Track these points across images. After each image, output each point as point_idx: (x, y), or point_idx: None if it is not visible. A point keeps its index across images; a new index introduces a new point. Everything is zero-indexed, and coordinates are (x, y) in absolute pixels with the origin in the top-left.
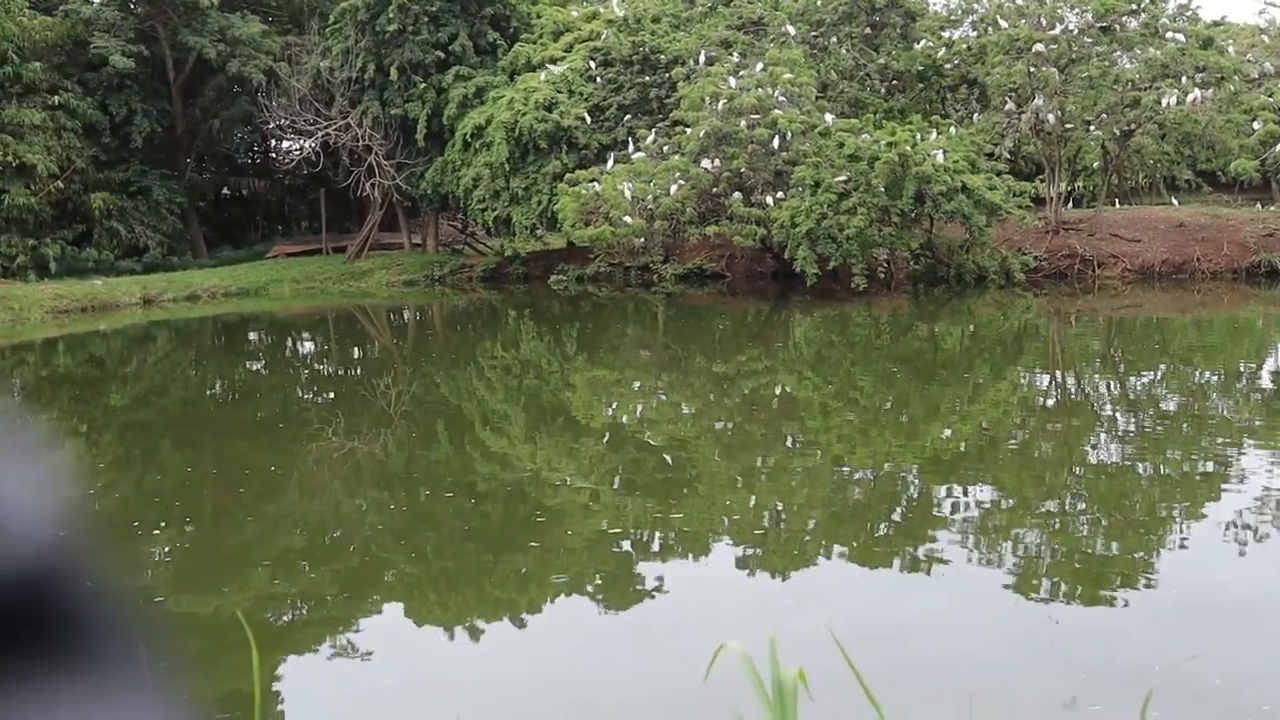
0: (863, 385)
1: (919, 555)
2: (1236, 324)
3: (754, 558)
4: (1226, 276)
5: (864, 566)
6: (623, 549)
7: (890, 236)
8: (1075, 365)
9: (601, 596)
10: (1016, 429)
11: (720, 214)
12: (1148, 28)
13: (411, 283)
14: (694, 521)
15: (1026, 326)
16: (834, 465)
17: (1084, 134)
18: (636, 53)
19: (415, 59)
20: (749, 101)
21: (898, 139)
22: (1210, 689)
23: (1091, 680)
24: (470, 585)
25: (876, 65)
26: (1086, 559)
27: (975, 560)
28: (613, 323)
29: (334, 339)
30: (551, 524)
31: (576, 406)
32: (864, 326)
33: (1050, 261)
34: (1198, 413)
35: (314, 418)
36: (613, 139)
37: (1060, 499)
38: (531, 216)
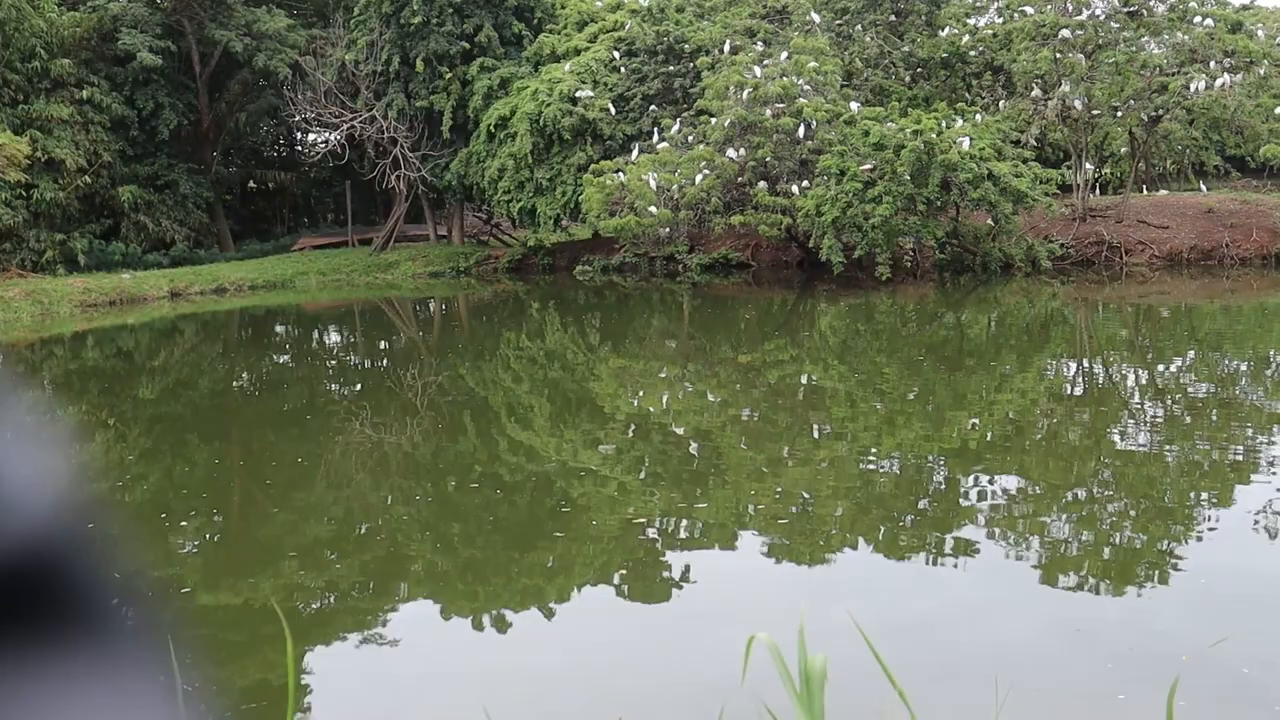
0: (888, 374)
1: (945, 544)
2: (1266, 310)
3: (780, 547)
4: (1256, 263)
5: (891, 556)
6: (649, 539)
7: (916, 225)
8: (1102, 353)
9: (628, 587)
10: (1043, 417)
11: (745, 203)
12: (1175, 12)
13: (437, 274)
14: (720, 512)
15: (1053, 314)
16: (860, 455)
17: (1111, 120)
18: (660, 42)
19: (440, 50)
20: (774, 90)
21: (923, 127)
22: (1238, 677)
23: (1119, 667)
24: (497, 575)
25: (901, 53)
26: (1114, 547)
27: (1002, 549)
28: (638, 313)
29: (360, 331)
30: (578, 514)
31: (602, 397)
32: (890, 315)
33: (1077, 249)
34: (1226, 400)
35: (340, 409)
36: (637, 129)
37: (1088, 487)
38: (556, 207)
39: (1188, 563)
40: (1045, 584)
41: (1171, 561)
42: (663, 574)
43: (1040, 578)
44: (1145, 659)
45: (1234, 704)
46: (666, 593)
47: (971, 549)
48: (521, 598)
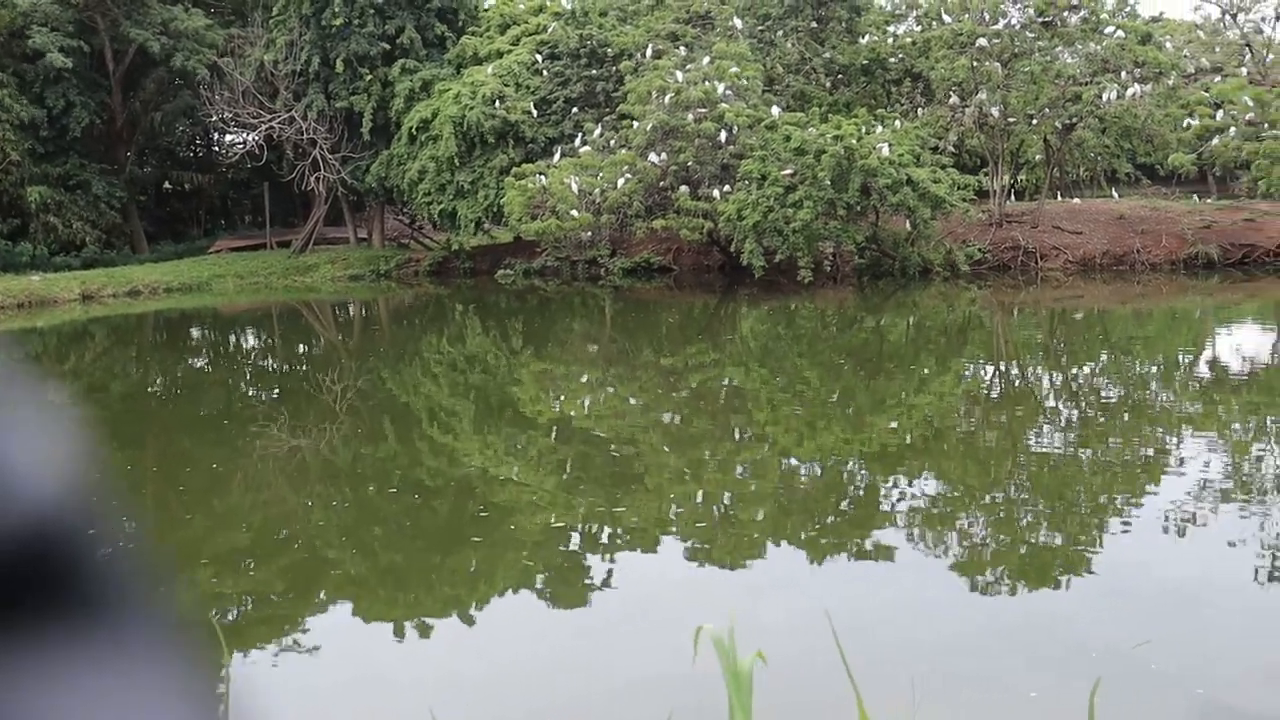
0: (810, 378)
1: (866, 546)
2: (1175, 314)
3: (703, 550)
4: (1165, 268)
5: (812, 557)
6: (571, 543)
7: (836, 229)
8: (1019, 356)
9: (551, 591)
10: (962, 420)
11: (667, 207)
12: (1088, 23)
13: (357, 277)
14: (642, 515)
15: (970, 318)
16: (781, 457)
17: (1026, 128)
18: (583, 46)
19: (361, 52)
20: (696, 95)
21: (844, 132)
22: (1151, 673)
23: (1037, 666)
24: (418, 581)
25: (822, 59)
26: (1030, 547)
27: (921, 550)
28: (560, 317)
29: (278, 335)
30: (499, 519)
31: (524, 401)
32: (810, 319)
33: (994, 254)
34: (1138, 402)
35: (258, 414)
36: (560, 132)
37: (1005, 488)
38: (478, 210)
39: (1102, 561)
40: (963, 583)
41: (1088, 559)
42: (586, 578)
43: (958, 577)
44: (1060, 656)
45: (1150, 700)
46: (590, 597)
47: (891, 550)
48: (444, 604)
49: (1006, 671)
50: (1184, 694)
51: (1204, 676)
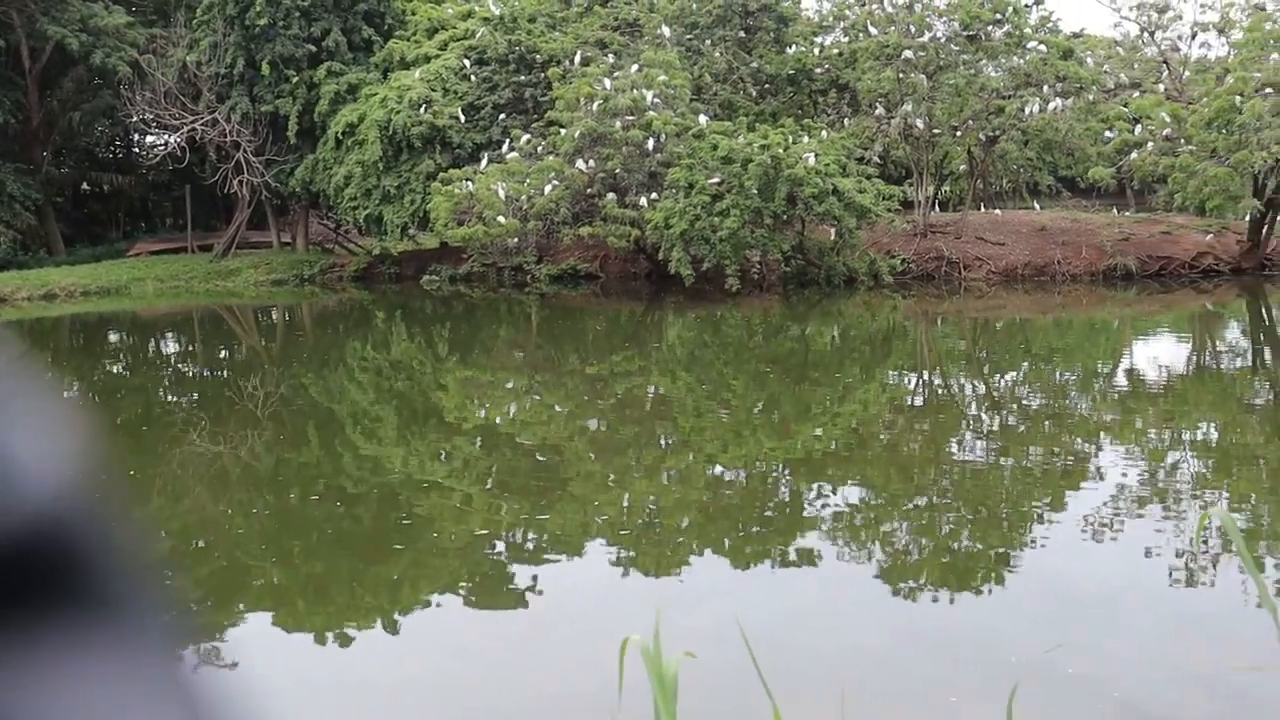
0: (735, 386)
1: (791, 553)
2: (1094, 325)
3: (628, 558)
4: (1085, 279)
5: (737, 565)
6: (496, 551)
7: (762, 238)
8: (942, 365)
9: (475, 600)
10: (885, 428)
11: (595, 215)
12: (1011, 38)
13: (280, 282)
14: (568, 523)
15: (895, 327)
16: (707, 465)
17: (951, 139)
18: (512, 52)
19: (286, 54)
20: (624, 103)
21: (770, 142)
22: (1068, 678)
23: (958, 671)
24: (341, 591)
25: (749, 69)
26: (953, 554)
27: (845, 557)
28: (486, 323)
29: (199, 339)
30: (424, 527)
31: (449, 408)
32: (736, 327)
33: (918, 264)
34: (1058, 411)
35: (177, 420)
36: (487, 138)
37: (928, 496)
38: (404, 216)
39: (1022, 568)
40: (887, 590)
41: (1007, 567)
42: (510, 586)
43: (882, 584)
44: (982, 662)
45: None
46: (514, 605)
47: (815, 557)
48: (366, 613)
49: (928, 677)
50: (1100, 698)
51: (1119, 681)
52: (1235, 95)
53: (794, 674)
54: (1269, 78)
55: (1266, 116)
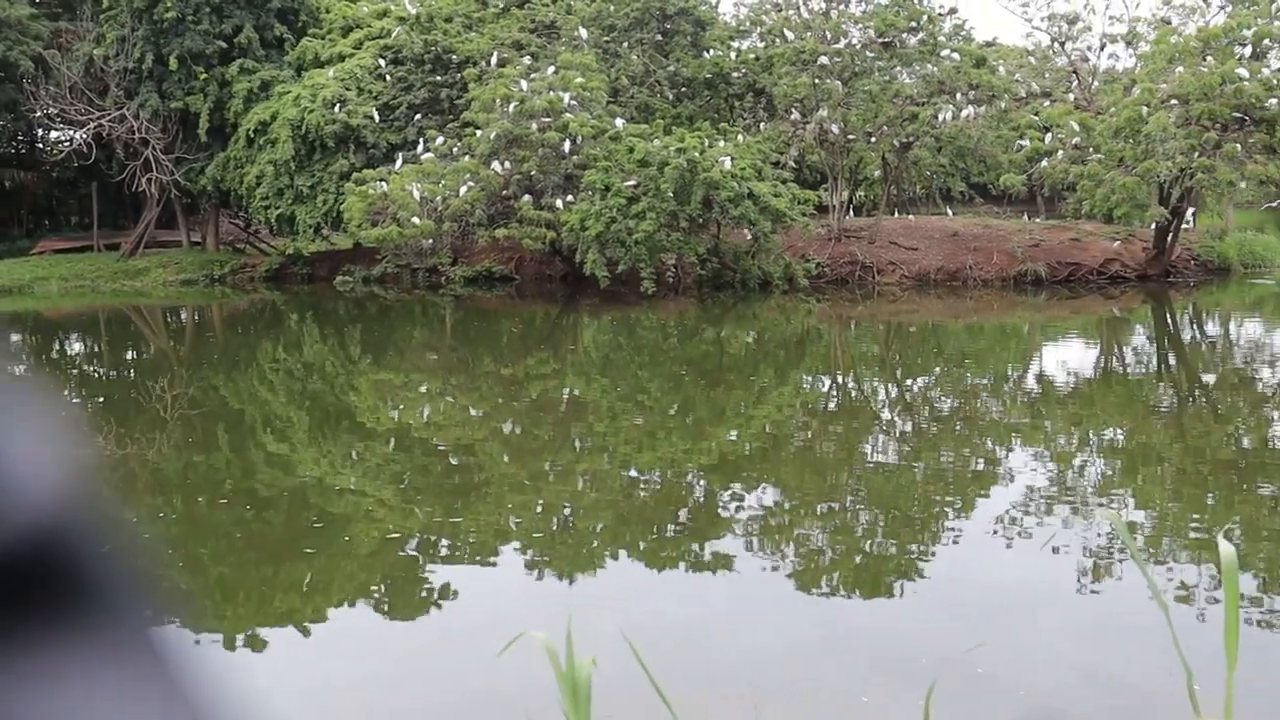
0: (650, 388)
1: (706, 556)
2: (1004, 329)
3: (542, 561)
4: (996, 284)
5: (652, 568)
6: (409, 554)
7: (678, 241)
8: (855, 369)
9: (388, 603)
10: (799, 431)
11: (510, 217)
12: (926, 45)
13: (190, 282)
14: (481, 525)
15: (809, 331)
16: (622, 468)
17: (865, 145)
18: (428, 52)
19: (196, 49)
20: (540, 104)
21: (687, 145)
22: (978, 678)
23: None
24: (249, 595)
25: (666, 72)
26: (866, 556)
27: (760, 559)
28: (399, 325)
29: (105, 340)
30: (335, 530)
31: (361, 410)
32: (652, 330)
33: (832, 268)
34: (969, 414)
35: (82, 423)
36: (402, 139)
37: (841, 498)
38: (317, 216)
39: (933, 569)
40: (801, 592)
41: (920, 568)
42: (423, 590)
43: (796, 586)
44: (894, 662)
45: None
46: (428, 608)
47: (730, 559)
48: (277, 617)
49: (842, 679)
50: (1009, 698)
51: (1028, 681)
52: (1142, 106)
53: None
54: (1174, 90)
55: (1171, 128)
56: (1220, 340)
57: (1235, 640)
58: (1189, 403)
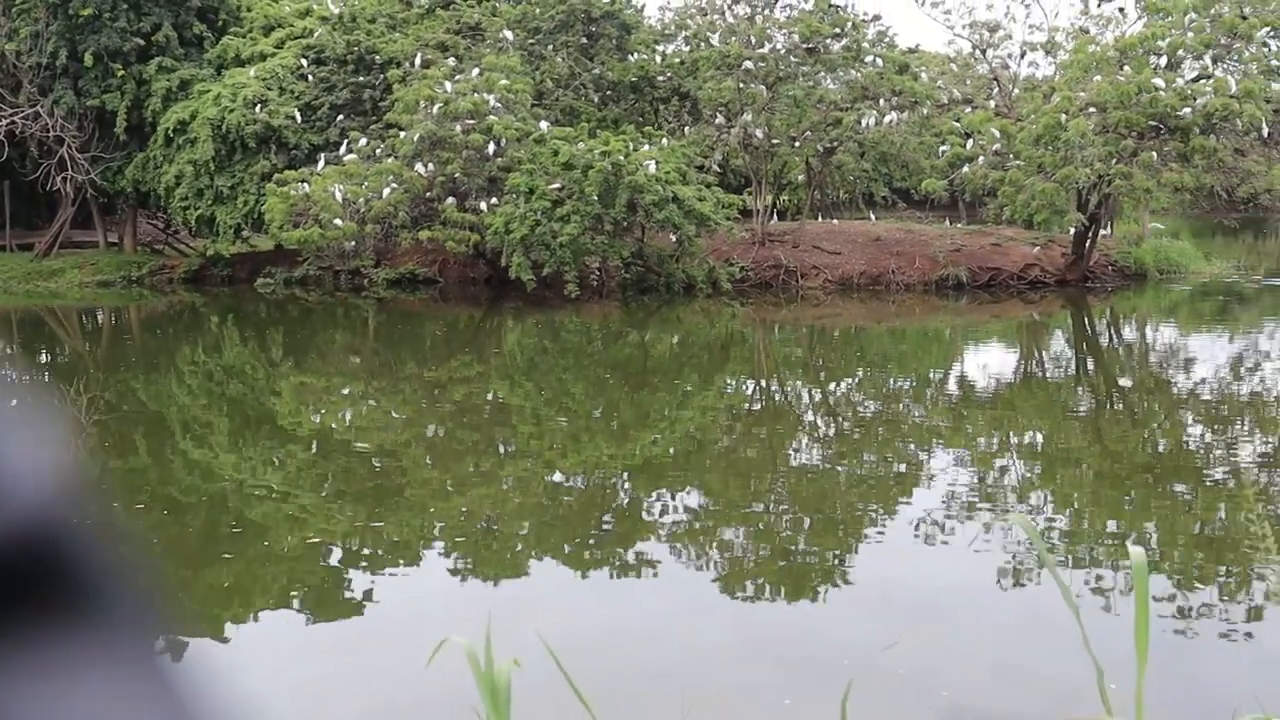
0: (575, 392)
1: (630, 559)
2: (927, 334)
3: (466, 566)
4: (918, 288)
5: (577, 572)
6: (331, 560)
7: (603, 245)
8: (779, 372)
9: (309, 609)
10: (723, 434)
11: (434, 219)
12: (849, 51)
13: (107, 284)
14: (405, 530)
15: (733, 335)
16: (546, 471)
17: (789, 150)
18: (351, 52)
19: (113, 46)
20: (464, 106)
21: (611, 148)
22: (900, 678)
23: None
24: (166, 603)
25: (591, 75)
26: (790, 557)
27: (684, 563)
28: (322, 327)
29: (18, 342)
30: (255, 536)
31: (283, 414)
32: (576, 333)
33: (756, 272)
34: (892, 417)
35: None
36: (325, 140)
37: (765, 502)
38: (237, 217)
39: (856, 571)
40: (725, 595)
41: (842, 570)
42: (345, 595)
43: (720, 589)
44: (818, 663)
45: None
46: (349, 613)
47: (654, 563)
48: (195, 624)
49: (766, 681)
50: (930, 697)
51: (949, 680)
52: (1061, 114)
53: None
54: (1092, 98)
55: (1090, 135)
56: (1137, 345)
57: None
58: (1107, 407)
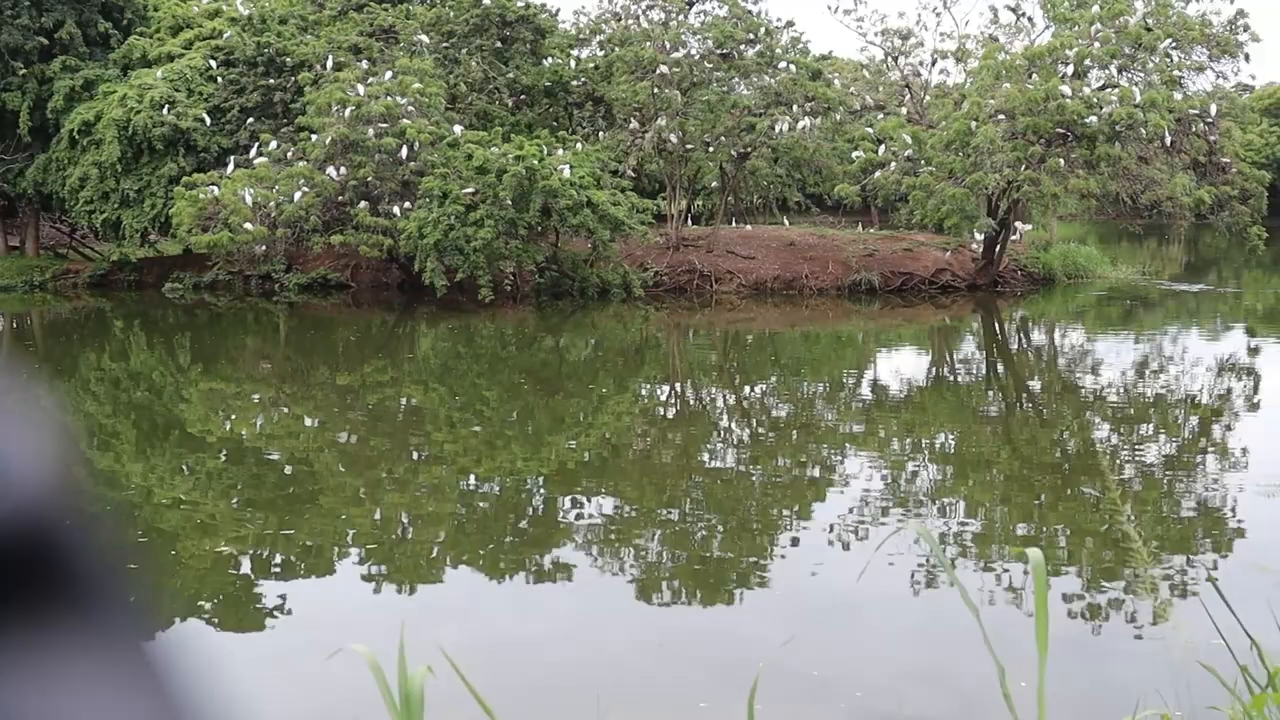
0: (489, 397)
1: (546, 565)
2: (840, 338)
3: (379, 573)
4: (831, 293)
5: (492, 578)
6: (241, 569)
7: (517, 249)
8: (694, 377)
9: (218, 619)
10: (638, 439)
11: (346, 223)
12: (763, 57)
13: (8, 289)
14: (317, 537)
15: (648, 339)
16: (460, 477)
17: (703, 155)
18: (261, 54)
19: (14, 44)
20: (377, 109)
21: (525, 153)
22: (814, 679)
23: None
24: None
25: (506, 79)
26: (705, 561)
27: (599, 567)
28: (232, 333)
29: None
30: (163, 545)
31: (192, 421)
32: (490, 338)
33: (671, 276)
34: (805, 421)
35: None
36: (234, 143)
37: (680, 506)
38: (144, 220)
39: (770, 574)
40: (640, 600)
41: (757, 574)
42: (256, 604)
43: (636, 594)
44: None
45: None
46: (261, 623)
47: (570, 568)
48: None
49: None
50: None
51: (862, 680)
52: (971, 120)
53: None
54: (1001, 105)
55: (999, 141)
56: (1046, 348)
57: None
58: (1016, 409)
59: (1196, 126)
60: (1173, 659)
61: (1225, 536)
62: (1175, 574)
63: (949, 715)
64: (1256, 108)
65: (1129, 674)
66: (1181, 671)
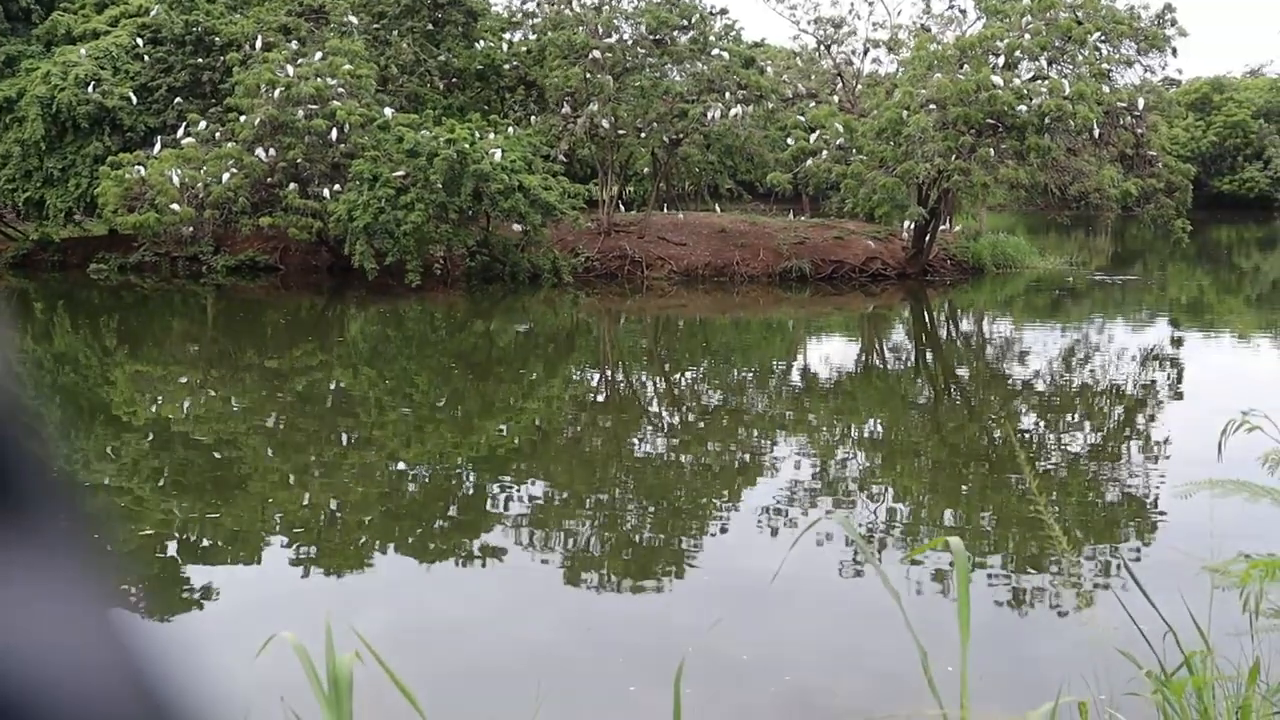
0: (419, 381)
1: (475, 550)
2: (770, 325)
3: (308, 557)
4: (762, 280)
5: (421, 563)
6: (168, 553)
7: (447, 233)
8: (624, 362)
9: (144, 606)
10: (569, 424)
11: (275, 205)
12: (696, 44)
13: None
14: (244, 521)
15: (579, 324)
16: (389, 461)
17: (635, 141)
18: (189, 33)
19: None
20: (307, 91)
21: (457, 136)
22: (743, 663)
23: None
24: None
25: (437, 62)
26: (634, 547)
27: (529, 553)
28: (158, 315)
29: None
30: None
31: (117, 404)
32: (420, 322)
33: (602, 262)
34: (736, 407)
35: None
36: (162, 122)
37: (609, 492)
38: (69, 200)
39: (701, 560)
40: (570, 585)
41: (687, 559)
42: (182, 590)
43: (565, 579)
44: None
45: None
46: (187, 609)
47: (499, 553)
48: None
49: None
50: (771, 681)
51: (792, 664)
52: (902, 109)
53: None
54: (933, 94)
55: (930, 130)
56: (974, 337)
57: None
58: (944, 397)
59: (1124, 119)
60: (1094, 645)
61: (1146, 524)
62: (1098, 561)
63: (875, 698)
64: (1183, 102)
65: (1051, 658)
66: (1102, 656)
